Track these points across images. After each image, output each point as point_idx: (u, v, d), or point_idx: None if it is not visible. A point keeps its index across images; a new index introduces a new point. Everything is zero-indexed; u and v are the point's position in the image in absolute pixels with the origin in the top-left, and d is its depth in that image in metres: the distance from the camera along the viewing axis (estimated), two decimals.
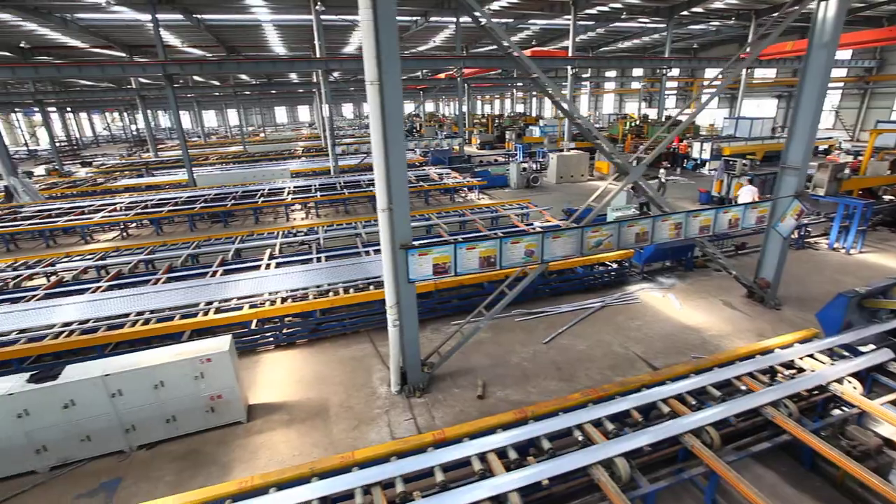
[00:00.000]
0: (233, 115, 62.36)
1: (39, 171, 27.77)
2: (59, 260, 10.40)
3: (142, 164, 26.54)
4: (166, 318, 7.14)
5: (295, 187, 17.02)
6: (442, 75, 35.23)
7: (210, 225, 15.09)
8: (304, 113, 72.43)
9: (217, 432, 5.60)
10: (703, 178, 19.33)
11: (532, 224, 11.33)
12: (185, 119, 72.14)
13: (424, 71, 40.08)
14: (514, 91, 48.79)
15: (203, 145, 39.20)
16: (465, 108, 30.06)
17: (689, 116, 9.16)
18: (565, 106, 6.96)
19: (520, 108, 55.17)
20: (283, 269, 8.95)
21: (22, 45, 23.86)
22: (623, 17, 24.51)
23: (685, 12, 23.11)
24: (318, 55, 18.98)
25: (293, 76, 46.67)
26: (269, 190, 16.72)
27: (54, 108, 40.13)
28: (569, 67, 21.50)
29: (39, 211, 15.36)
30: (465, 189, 17.50)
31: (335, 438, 5.47)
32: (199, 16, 22.10)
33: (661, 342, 7.23)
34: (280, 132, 52.24)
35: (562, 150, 21.36)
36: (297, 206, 16.32)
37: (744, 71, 24.81)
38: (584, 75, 40.89)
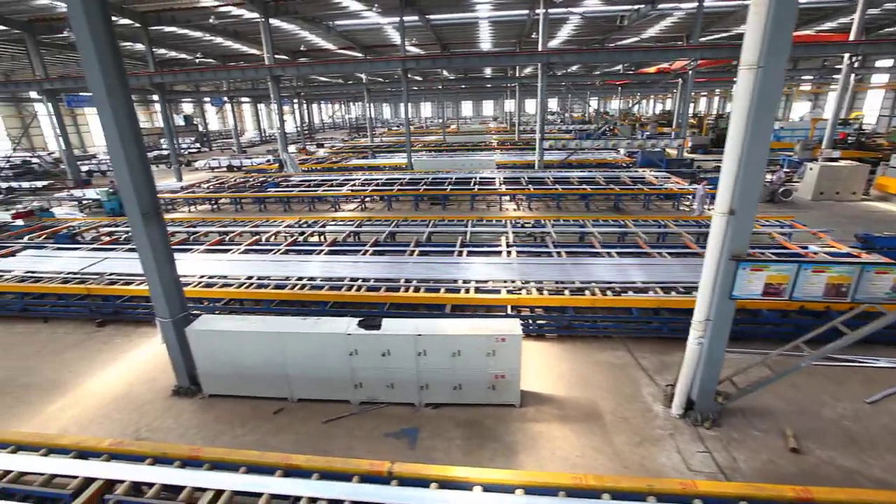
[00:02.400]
0: (425, 108, 68.64)
1: (291, 149, 34.52)
2: (328, 223, 12.44)
3: (365, 148, 30.66)
4: (432, 289, 7.77)
5: (505, 178, 17.40)
6: (651, 69, 32.22)
7: (429, 206, 16.43)
8: (488, 107, 75.41)
9: (493, 409, 5.78)
10: None
11: (807, 248, 9.23)
12: (386, 111, 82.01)
13: (625, 64, 37.42)
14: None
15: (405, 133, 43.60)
16: (675, 105, 26.90)
17: None
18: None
19: (731, 107, 47.41)
20: (521, 258, 9.03)
21: (301, 48, 29.68)
22: None
23: None
24: (539, 49, 18.94)
25: (487, 71, 48.56)
26: (480, 178, 17.44)
27: (296, 100, 49.64)
28: (846, 55, 17.16)
29: (302, 181, 18.87)
30: (690, 198, 15.48)
31: (618, 449, 5.11)
32: (429, 16, 24.29)
33: None
34: (468, 125, 55.14)
35: (816, 160, 17.29)
36: (507, 197, 16.61)
37: None
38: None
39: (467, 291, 7.59)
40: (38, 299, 8.86)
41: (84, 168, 26.28)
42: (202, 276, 8.61)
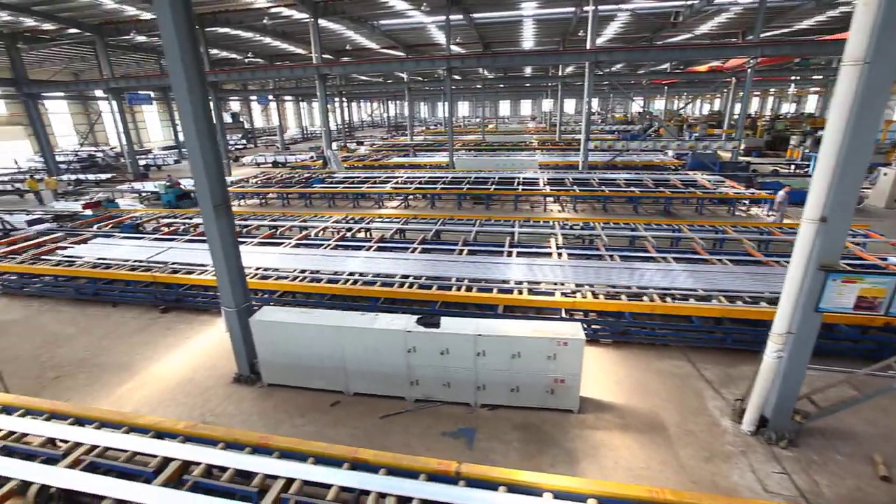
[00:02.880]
0: (462, 108, 68.64)
1: (333, 146, 35.28)
2: (374, 220, 12.60)
3: (405, 146, 30.93)
4: (484, 289, 7.70)
5: (549, 178, 17.12)
6: (702, 67, 30.95)
7: (472, 205, 16.37)
8: (525, 107, 74.61)
9: (550, 414, 5.66)
10: None
11: (886, 259, 8.58)
12: (422, 110, 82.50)
13: (673, 63, 36.08)
14: (792, 86, 39.70)
15: (443, 132, 43.75)
16: (725, 105, 25.72)
17: None
18: None
19: (786, 107, 44.88)
20: (573, 260, 8.82)
21: (347, 47, 30.30)
22: None
23: None
24: (587, 47, 18.50)
25: (527, 70, 48.01)
26: (524, 179, 17.23)
27: (337, 99, 50.68)
28: None
29: (346, 178, 19.21)
30: (746, 203, 14.74)
31: (684, 463, 4.88)
32: (473, 14, 24.20)
33: None
34: (506, 125, 54.72)
35: (890, 164, 16.05)
36: (550, 199, 16.32)
37: None
38: None
39: (520, 293, 7.48)
40: (108, 285, 9.40)
41: (141, 162, 27.74)
42: (257, 269, 8.89)
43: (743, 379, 6.11)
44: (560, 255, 9.16)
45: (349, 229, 11.76)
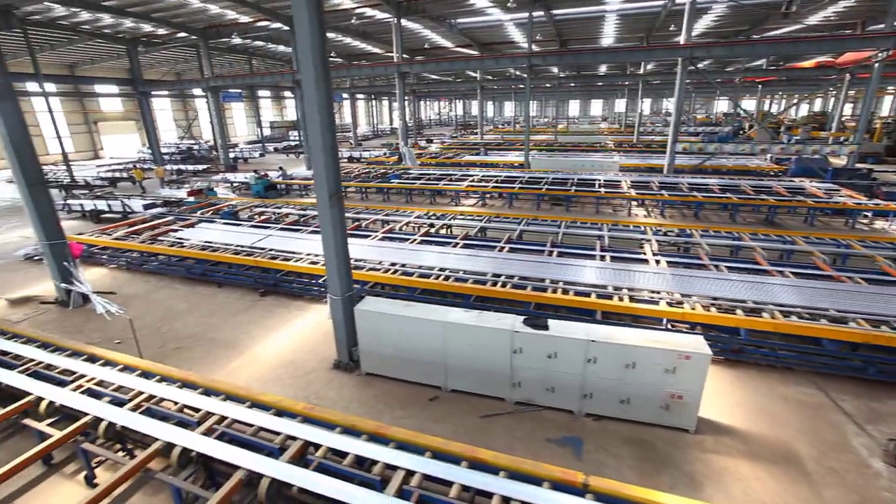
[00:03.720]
0: (530, 107, 67.84)
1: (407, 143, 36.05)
2: (455, 216, 12.60)
3: (475, 144, 30.90)
4: (582, 292, 7.39)
5: (632, 182, 16.27)
6: (807, 63, 28.05)
7: (550, 207, 15.94)
8: (595, 107, 71.93)
9: (663, 431, 5.28)
10: None
11: None
12: (489, 109, 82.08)
13: (769, 59, 32.95)
14: None
15: (512, 131, 43.29)
16: (833, 105, 23.05)
17: None
18: None
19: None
20: (673, 269, 8.25)
21: (425, 46, 30.86)
22: None
23: None
24: (681, 42, 17.31)
25: (602, 69, 46.19)
26: (604, 181, 16.51)
27: (408, 97, 51.69)
28: None
29: (421, 174, 19.46)
30: (869, 215, 13.10)
31: None
32: (554, 11, 23.57)
33: None
34: (577, 125, 53.10)
35: None
36: (635, 202, 15.50)
37: None
38: None
39: (620, 299, 7.10)
40: (213, 266, 10.14)
41: (230, 156, 29.92)
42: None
43: (894, 416, 5.36)
44: (658, 262, 8.61)
45: (431, 225, 11.85)
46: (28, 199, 8.74)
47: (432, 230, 11.42)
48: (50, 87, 26.99)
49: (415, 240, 10.34)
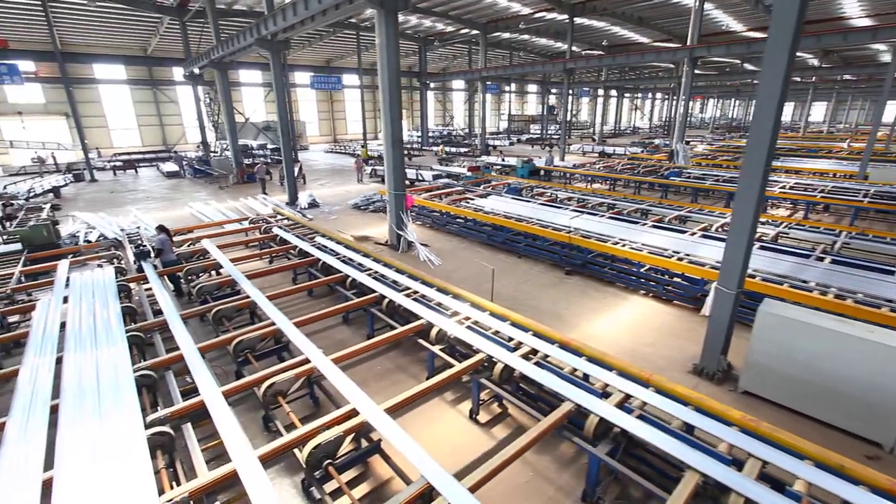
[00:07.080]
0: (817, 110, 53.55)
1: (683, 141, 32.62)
2: (792, 225, 10.01)
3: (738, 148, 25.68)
4: None
5: None
6: None
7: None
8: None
9: None
10: None
11: None
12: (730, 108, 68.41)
13: None
14: None
15: (793, 136, 34.79)
16: None
17: None
18: None
19: None
20: None
21: (603, 43, 28.30)
22: None
23: None
24: None
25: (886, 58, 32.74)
26: None
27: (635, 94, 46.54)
28: None
29: (703, 174, 16.74)
30: None
31: None
32: None
33: None
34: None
35: None
36: None
37: None
38: None
39: None
40: (514, 236, 10.31)
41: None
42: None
43: None
44: None
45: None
46: (389, 155, 10.37)
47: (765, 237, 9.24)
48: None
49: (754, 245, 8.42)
